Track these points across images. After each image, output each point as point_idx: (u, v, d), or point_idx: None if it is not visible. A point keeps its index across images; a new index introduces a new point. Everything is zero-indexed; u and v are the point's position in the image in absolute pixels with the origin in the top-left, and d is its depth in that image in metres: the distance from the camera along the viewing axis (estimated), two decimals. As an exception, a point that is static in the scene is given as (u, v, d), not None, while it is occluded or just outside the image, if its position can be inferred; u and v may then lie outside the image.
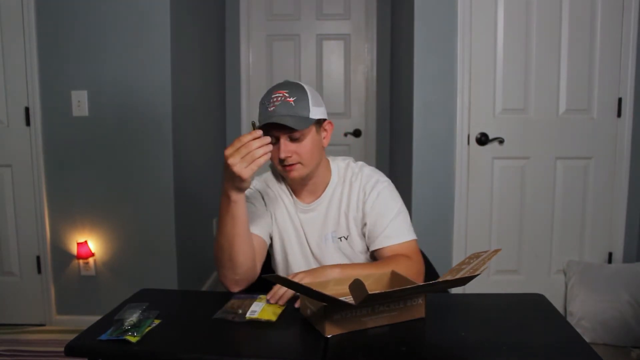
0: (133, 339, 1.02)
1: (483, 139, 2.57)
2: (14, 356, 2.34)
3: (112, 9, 2.48)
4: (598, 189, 2.60)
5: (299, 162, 1.32)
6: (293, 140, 1.30)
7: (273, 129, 1.27)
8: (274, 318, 1.13)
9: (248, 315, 1.14)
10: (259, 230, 1.39)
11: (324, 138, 1.39)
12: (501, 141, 2.57)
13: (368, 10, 3.67)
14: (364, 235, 1.42)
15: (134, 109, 2.53)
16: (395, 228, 1.37)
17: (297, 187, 1.44)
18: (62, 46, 2.52)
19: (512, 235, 2.64)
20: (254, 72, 3.73)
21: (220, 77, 3.58)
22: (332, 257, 1.42)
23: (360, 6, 3.67)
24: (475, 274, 1.05)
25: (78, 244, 2.60)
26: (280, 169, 1.36)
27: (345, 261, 1.42)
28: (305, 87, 1.34)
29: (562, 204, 2.62)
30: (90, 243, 2.61)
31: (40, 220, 2.61)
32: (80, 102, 2.53)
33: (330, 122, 1.40)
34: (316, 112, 1.32)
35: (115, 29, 2.49)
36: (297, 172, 1.33)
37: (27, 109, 2.55)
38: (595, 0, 2.49)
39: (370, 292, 0.95)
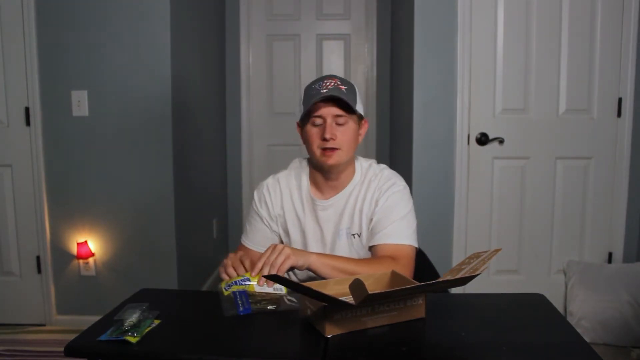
0: (133, 339, 1.02)
1: (483, 139, 2.57)
2: (14, 356, 2.34)
3: (112, 9, 2.48)
4: (598, 189, 2.60)
5: (339, 148, 1.35)
6: (338, 124, 1.35)
7: (322, 108, 1.33)
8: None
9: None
10: (259, 242, 1.47)
11: (359, 135, 1.43)
12: (501, 141, 2.57)
13: (368, 10, 3.67)
14: None
15: (134, 108, 2.53)
16: (395, 229, 1.37)
17: (321, 182, 1.44)
18: (62, 46, 2.51)
19: (512, 235, 2.64)
20: (254, 72, 3.72)
21: (220, 77, 3.58)
22: (344, 253, 1.42)
23: (360, 6, 3.67)
24: (475, 274, 1.05)
25: (78, 244, 2.60)
26: (318, 155, 1.37)
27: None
28: (353, 84, 1.42)
29: (562, 204, 2.62)
30: (90, 243, 2.61)
31: (40, 220, 2.61)
32: (80, 102, 2.53)
33: (366, 121, 1.45)
34: (360, 107, 1.39)
35: (116, 29, 2.49)
36: (334, 159, 1.35)
37: (27, 109, 2.55)
38: (595, 0, 2.49)
39: (370, 292, 0.95)
